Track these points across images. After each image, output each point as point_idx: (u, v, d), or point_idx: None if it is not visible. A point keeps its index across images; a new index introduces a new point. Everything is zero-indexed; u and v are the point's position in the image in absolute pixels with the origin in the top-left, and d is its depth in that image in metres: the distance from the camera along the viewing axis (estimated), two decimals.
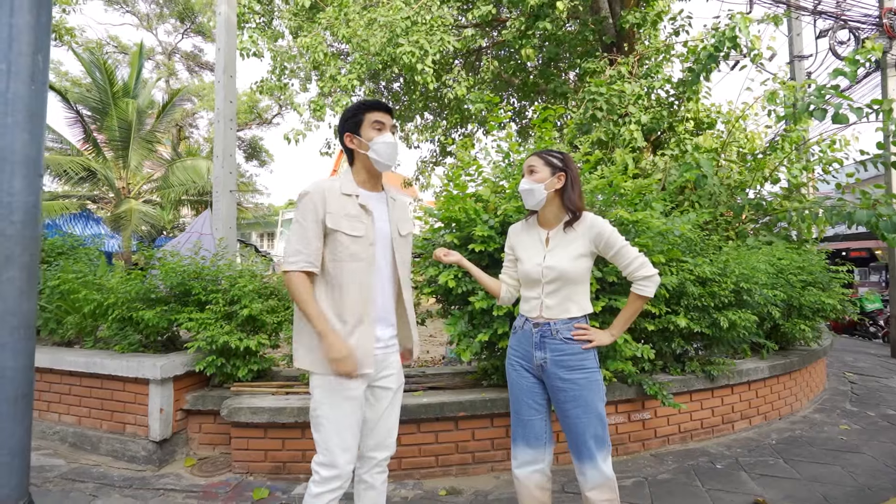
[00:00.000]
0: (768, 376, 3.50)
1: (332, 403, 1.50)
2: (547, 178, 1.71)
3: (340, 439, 1.49)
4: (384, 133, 1.61)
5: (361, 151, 1.61)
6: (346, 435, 1.50)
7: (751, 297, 3.14)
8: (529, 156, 1.80)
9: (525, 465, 1.74)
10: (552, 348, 1.67)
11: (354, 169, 1.67)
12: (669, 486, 2.55)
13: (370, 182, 1.67)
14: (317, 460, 1.51)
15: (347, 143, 1.64)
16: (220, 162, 4.72)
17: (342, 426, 1.50)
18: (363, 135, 1.61)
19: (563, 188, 1.71)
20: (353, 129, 1.62)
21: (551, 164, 1.73)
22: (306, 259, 1.50)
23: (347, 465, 1.51)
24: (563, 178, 1.71)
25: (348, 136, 1.63)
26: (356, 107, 1.64)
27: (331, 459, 1.49)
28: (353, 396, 1.52)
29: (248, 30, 7.63)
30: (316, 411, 1.52)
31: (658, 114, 5.89)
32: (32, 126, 1.44)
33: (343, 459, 1.49)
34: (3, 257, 1.38)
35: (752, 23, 5.22)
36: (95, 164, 10.96)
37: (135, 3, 18.60)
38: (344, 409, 1.51)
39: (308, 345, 1.54)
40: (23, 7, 1.41)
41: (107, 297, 2.99)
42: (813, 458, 2.91)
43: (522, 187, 1.73)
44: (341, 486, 1.50)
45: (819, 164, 5.20)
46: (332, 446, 1.49)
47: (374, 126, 1.60)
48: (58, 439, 3.00)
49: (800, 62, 7.69)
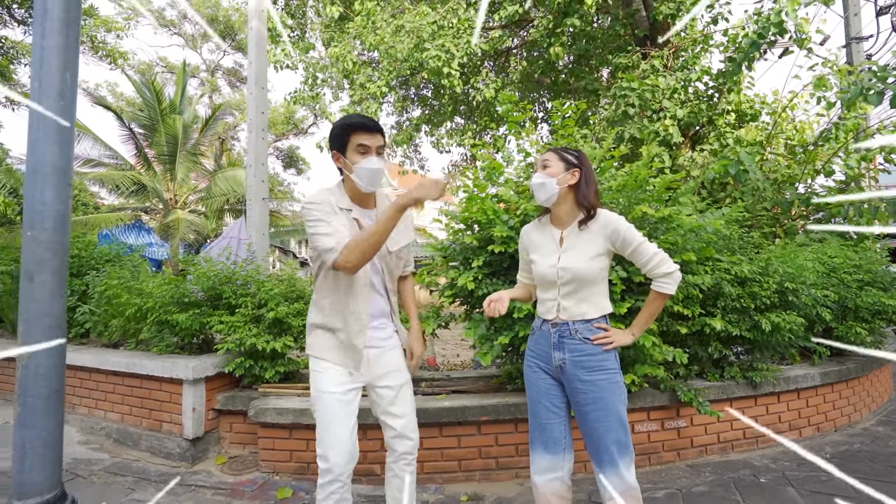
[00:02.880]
0: (820, 384, 3.22)
1: (323, 399, 1.57)
2: (560, 173, 1.65)
3: (330, 436, 1.53)
4: (368, 157, 1.58)
5: (347, 173, 1.62)
6: (337, 432, 1.53)
7: (797, 298, 2.91)
8: (545, 152, 1.75)
9: (544, 472, 1.68)
10: (571, 348, 1.62)
11: (345, 184, 1.68)
12: (706, 499, 2.39)
13: (361, 198, 1.67)
14: (316, 453, 1.57)
15: (334, 161, 1.65)
16: (253, 171, 4.89)
17: (332, 423, 1.54)
18: (348, 157, 1.59)
19: (578, 184, 1.66)
20: (339, 149, 1.61)
21: (566, 159, 1.68)
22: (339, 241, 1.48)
23: (339, 462, 1.52)
24: (578, 174, 1.66)
25: (335, 154, 1.63)
26: (342, 126, 1.60)
27: (323, 451, 1.53)
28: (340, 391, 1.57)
29: (282, 43, 7.91)
30: (314, 406, 1.60)
31: (696, 107, 5.61)
32: (61, 139, 1.53)
33: (334, 453, 1.51)
34: (36, 262, 1.47)
35: (799, 5, 4.87)
36: (146, 178, 11.71)
37: (182, 25, 19.82)
38: (332, 405, 1.55)
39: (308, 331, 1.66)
40: (53, 29, 1.51)
41: (146, 301, 3.16)
42: (874, 474, 2.64)
43: (535, 181, 1.68)
44: (336, 481, 1.51)
45: (881, 153, 4.76)
46: (325, 440, 1.53)
47: (359, 150, 1.57)
48: (104, 435, 3.19)
49: (857, 44, 7.12)
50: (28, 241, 1.48)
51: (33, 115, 1.50)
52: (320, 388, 1.58)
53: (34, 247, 1.47)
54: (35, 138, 1.49)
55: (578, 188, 1.65)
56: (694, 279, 2.56)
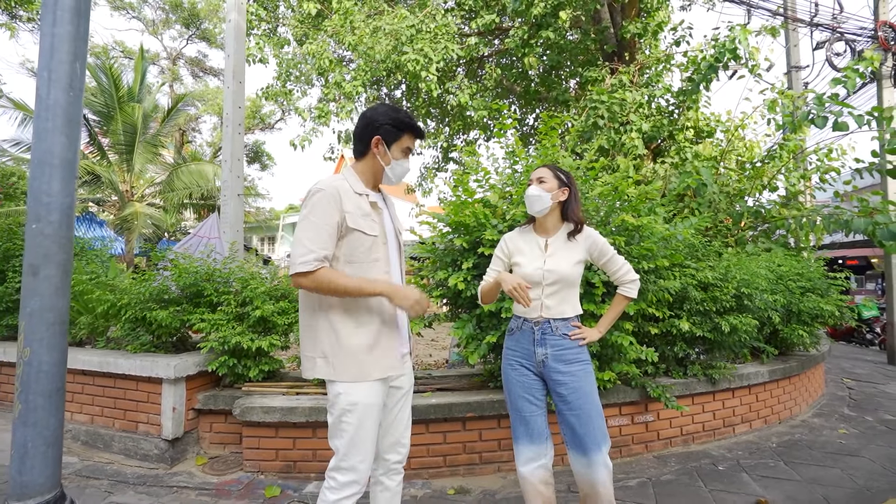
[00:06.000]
0: (768, 380, 3.56)
1: (360, 411, 1.44)
2: (554, 189, 1.85)
3: (364, 445, 1.45)
4: (407, 159, 1.62)
5: (381, 162, 1.57)
6: (369, 441, 1.47)
7: (751, 302, 3.21)
8: (538, 167, 1.92)
9: (529, 462, 1.82)
10: (552, 344, 1.80)
11: (361, 167, 1.60)
12: (672, 486, 2.61)
13: (373, 183, 1.63)
14: (334, 466, 1.46)
15: (373, 146, 1.56)
16: (229, 166, 4.78)
17: (367, 432, 1.45)
18: (392, 151, 1.57)
19: (567, 201, 1.87)
20: (386, 137, 1.56)
21: (559, 177, 1.88)
22: (320, 257, 1.40)
23: (367, 469, 1.48)
24: (567, 192, 1.87)
25: (377, 140, 1.55)
26: (401, 121, 1.57)
27: (351, 464, 1.44)
28: (379, 402, 1.49)
29: (255, 36, 7.72)
30: (341, 418, 1.44)
31: (658, 122, 5.99)
32: (70, 130, 1.51)
33: (364, 465, 1.46)
34: (42, 256, 1.44)
35: (750, 34, 5.34)
36: (99, 168, 11.02)
37: (141, 8, 18.77)
38: (372, 415, 1.47)
39: (330, 352, 1.46)
40: (64, 18, 1.49)
41: (120, 298, 3.04)
42: (813, 460, 2.96)
43: (531, 193, 1.84)
44: (360, 490, 1.46)
45: (816, 173, 5.30)
46: (354, 452, 1.44)
47: (405, 151, 1.60)
48: (70, 437, 3.04)
49: (797, 72, 7.82)
50: (33, 234, 1.45)
51: (41, 105, 1.47)
52: (356, 400, 1.44)
53: (40, 240, 1.44)
54: (42, 128, 1.47)
55: (567, 204, 1.87)
56: (665, 284, 2.77)
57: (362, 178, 1.59)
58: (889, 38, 6.62)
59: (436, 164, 11.11)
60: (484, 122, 8.56)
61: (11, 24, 8.82)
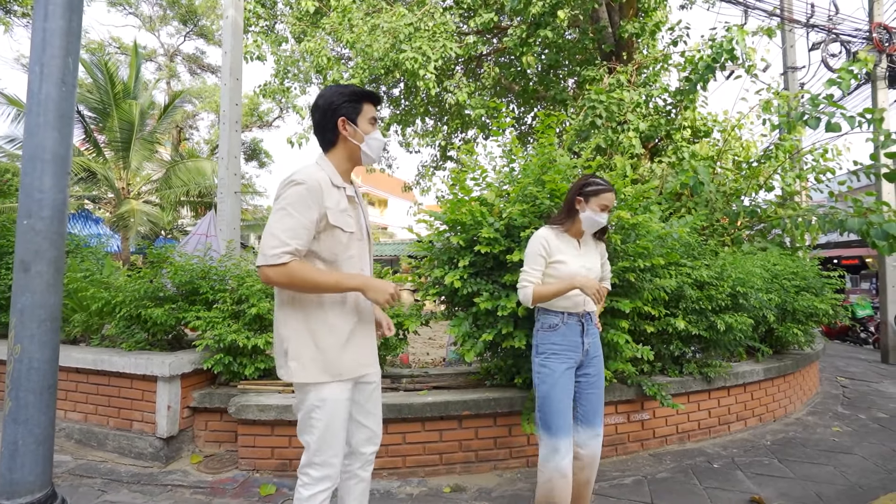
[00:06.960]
0: (763, 379, 3.57)
1: (329, 407, 1.44)
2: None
3: (335, 440, 1.45)
4: (376, 129, 1.56)
5: (354, 142, 1.51)
6: (339, 436, 1.47)
7: (747, 301, 3.22)
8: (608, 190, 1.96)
9: (567, 454, 1.86)
10: (592, 333, 2.03)
11: (335, 156, 1.53)
12: (668, 484, 2.61)
13: (347, 174, 1.57)
14: (307, 462, 1.45)
15: (341, 128, 1.50)
16: (225, 164, 4.76)
17: (337, 427, 1.46)
18: (360, 125, 1.51)
19: None
20: (349, 115, 1.50)
21: None
22: (292, 250, 1.34)
23: (339, 463, 1.49)
24: None
25: (343, 121, 1.49)
26: (355, 93, 1.51)
27: (323, 459, 1.44)
28: (348, 397, 1.49)
29: (253, 34, 7.69)
30: (310, 415, 1.44)
31: (656, 121, 6.00)
32: (62, 126, 1.50)
33: (336, 459, 1.47)
34: (33, 252, 1.43)
35: (747, 35, 5.35)
36: (95, 165, 10.95)
37: (138, 4, 18.65)
38: (341, 410, 1.46)
39: (304, 352, 1.43)
40: (56, 13, 1.48)
41: (115, 296, 3.03)
42: (806, 458, 2.98)
43: (601, 220, 1.95)
44: (334, 485, 1.47)
45: (812, 173, 5.32)
46: (326, 448, 1.44)
47: (371, 121, 1.54)
48: (63, 436, 3.02)
49: (793, 73, 7.85)
50: (24, 230, 1.44)
51: (33, 100, 1.46)
52: (325, 396, 1.43)
53: (31, 236, 1.43)
54: (34, 124, 1.46)
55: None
56: (661, 282, 2.78)
57: (338, 168, 1.53)
58: (883, 39, 6.65)
59: (434, 163, 11.11)
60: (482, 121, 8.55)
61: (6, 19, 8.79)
